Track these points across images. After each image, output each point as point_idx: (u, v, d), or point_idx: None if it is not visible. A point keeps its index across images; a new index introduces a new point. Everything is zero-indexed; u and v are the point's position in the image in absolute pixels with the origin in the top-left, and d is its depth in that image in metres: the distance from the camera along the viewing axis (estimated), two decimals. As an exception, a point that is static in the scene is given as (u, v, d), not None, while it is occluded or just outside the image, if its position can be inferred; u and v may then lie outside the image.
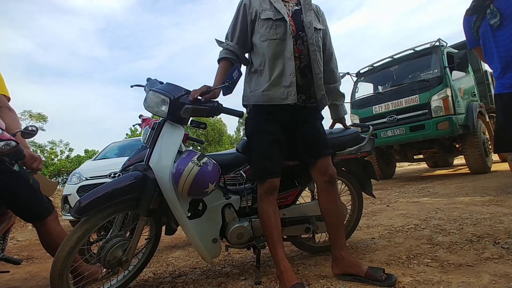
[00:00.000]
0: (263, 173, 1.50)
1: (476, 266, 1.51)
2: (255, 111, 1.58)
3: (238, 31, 1.59)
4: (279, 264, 1.44)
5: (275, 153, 1.50)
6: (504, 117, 1.61)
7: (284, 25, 1.50)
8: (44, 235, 1.67)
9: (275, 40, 1.50)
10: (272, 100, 1.50)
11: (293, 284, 1.36)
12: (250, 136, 1.59)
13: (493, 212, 2.53)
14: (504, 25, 1.51)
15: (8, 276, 2.24)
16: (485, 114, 5.79)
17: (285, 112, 1.52)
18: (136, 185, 1.47)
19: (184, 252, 2.50)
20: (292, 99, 1.49)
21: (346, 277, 1.50)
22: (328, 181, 1.55)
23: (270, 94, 1.50)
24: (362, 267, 1.48)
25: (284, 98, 1.49)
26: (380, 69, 6.35)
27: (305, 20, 1.54)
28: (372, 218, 2.89)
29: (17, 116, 1.77)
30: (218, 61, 1.61)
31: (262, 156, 1.50)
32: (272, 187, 1.49)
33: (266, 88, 1.50)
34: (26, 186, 1.57)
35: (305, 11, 1.57)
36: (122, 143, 5.83)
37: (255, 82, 1.57)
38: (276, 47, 1.50)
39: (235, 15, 1.61)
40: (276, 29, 1.50)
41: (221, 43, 1.63)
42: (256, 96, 1.53)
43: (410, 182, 5.74)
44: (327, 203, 1.57)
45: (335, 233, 1.56)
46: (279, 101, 1.50)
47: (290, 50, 1.49)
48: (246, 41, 1.61)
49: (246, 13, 1.57)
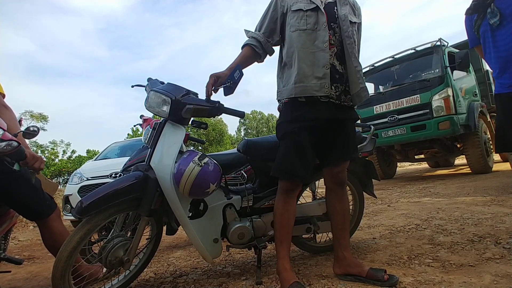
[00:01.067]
0: (284, 172, 1.47)
1: (477, 266, 1.51)
2: (288, 109, 1.50)
3: (267, 22, 1.57)
4: (279, 262, 1.46)
5: (303, 157, 1.44)
6: (504, 117, 1.61)
7: (316, 15, 1.45)
8: (46, 234, 1.68)
9: (306, 31, 1.45)
10: (304, 91, 1.42)
11: (291, 283, 1.37)
12: (282, 137, 1.51)
13: (495, 212, 2.52)
14: (503, 24, 1.50)
15: (9, 276, 2.25)
16: (487, 114, 5.77)
17: (319, 110, 1.45)
18: (137, 185, 1.47)
19: (185, 252, 2.50)
20: (326, 91, 1.41)
21: (347, 277, 1.50)
22: (338, 183, 1.55)
23: (302, 85, 1.43)
24: (363, 267, 1.48)
25: (317, 90, 1.41)
26: (381, 69, 6.34)
27: (340, 13, 1.48)
28: (373, 218, 2.89)
29: (14, 114, 1.75)
30: (242, 48, 1.59)
31: (289, 156, 1.45)
32: (291, 187, 1.48)
33: (297, 80, 1.43)
34: (27, 185, 1.57)
35: (340, 4, 1.51)
36: (123, 143, 5.84)
37: (286, 75, 1.52)
38: (306, 37, 1.45)
39: (266, 9, 1.59)
40: (306, 19, 1.45)
41: (248, 32, 1.61)
42: (289, 90, 1.46)
43: (411, 182, 5.73)
44: (335, 202, 1.56)
45: (340, 233, 1.56)
46: (312, 92, 1.42)
47: (323, 40, 1.43)
48: (274, 32, 1.57)
49: (277, 7, 1.55)
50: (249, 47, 1.57)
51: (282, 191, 1.49)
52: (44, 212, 1.64)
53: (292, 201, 1.50)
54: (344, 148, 1.53)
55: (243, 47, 1.59)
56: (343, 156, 1.53)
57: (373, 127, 2.06)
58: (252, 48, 1.57)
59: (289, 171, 1.45)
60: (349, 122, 1.56)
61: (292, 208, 1.50)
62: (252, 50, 1.57)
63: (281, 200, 1.50)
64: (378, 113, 5.87)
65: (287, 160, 1.45)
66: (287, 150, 1.46)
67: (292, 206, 1.50)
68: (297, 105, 1.47)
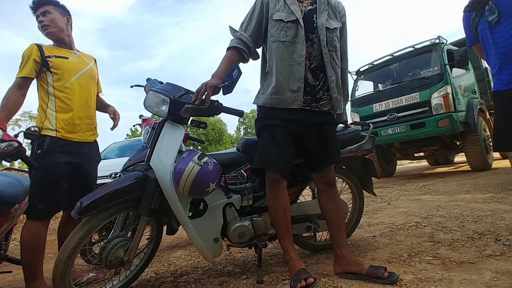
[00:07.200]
0: (260, 162, 1.51)
1: (477, 263, 1.51)
2: (264, 111, 1.58)
3: (254, 23, 1.56)
4: (285, 254, 1.51)
5: (278, 148, 1.48)
6: (504, 114, 1.60)
7: (295, 27, 1.48)
8: (67, 222, 1.86)
9: (285, 43, 1.49)
10: (279, 103, 1.50)
11: (297, 270, 1.42)
12: (258, 132, 1.58)
13: (494, 209, 2.53)
14: (502, 21, 1.50)
15: (10, 276, 2.24)
16: (486, 111, 5.78)
17: (294, 115, 1.51)
18: (137, 185, 1.47)
19: (186, 251, 2.50)
20: (298, 104, 1.49)
21: (348, 276, 1.50)
22: (327, 183, 1.57)
23: (277, 97, 1.50)
24: (363, 265, 1.48)
25: (291, 102, 1.49)
26: (380, 67, 6.34)
27: (318, 21, 1.51)
28: (373, 216, 2.89)
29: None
30: (228, 49, 1.58)
31: (265, 148, 1.51)
32: (273, 178, 1.49)
33: (273, 91, 1.50)
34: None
35: (319, 11, 1.53)
36: (123, 144, 5.84)
37: (267, 84, 1.57)
38: (285, 49, 1.49)
39: (252, 7, 1.59)
40: (286, 31, 1.48)
41: (234, 31, 1.60)
42: (265, 99, 1.54)
43: (411, 179, 5.74)
44: (326, 203, 1.59)
45: (336, 232, 1.57)
46: (286, 105, 1.50)
47: (301, 55, 1.47)
48: (259, 36, 1.59)
49: (263, 8, 1.55)
50: (236, 50, 1.56)
51: (269, 185, 1.52)
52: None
53: (281, 194, 1.51)
54: (327, 152, 1.56)
55: (229, 49, 1.57)
56: (326, 159, 1.56)
57: (372, 125, 2.07)
58: (238, 51, 1.56)
59: (264, 161, 1.50)
60: (327, 126, 1.58)
61: (284, 201, 1.52)
62: (238, 53, 1.57)
63: (270, 196, 1.52)
64: (377, 111, 5.87)
65: (264, 150, 1.51)
66: (264, 142, 1.53)
67: (284, 200, 1.52)
68: (271, 110, 1.54)
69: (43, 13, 1.79)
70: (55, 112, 1.75)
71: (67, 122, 1.76)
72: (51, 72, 1.76)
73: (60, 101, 1.76)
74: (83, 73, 1.88)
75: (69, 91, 1.79)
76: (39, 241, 1.64)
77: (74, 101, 1.80)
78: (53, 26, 1.80)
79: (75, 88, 1.82)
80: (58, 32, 1.83)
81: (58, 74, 1.77)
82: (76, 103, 1.81)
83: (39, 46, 1.76)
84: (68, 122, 1.76)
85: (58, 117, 1.74)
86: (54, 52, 1.80)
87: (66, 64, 1.81)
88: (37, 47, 1.74)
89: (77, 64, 1.87)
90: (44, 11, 1.79)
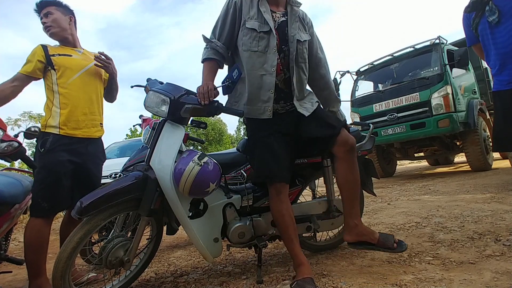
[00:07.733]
0: (263, 176, 1.53)
1: (477, 263, 1.51)
2: (252, 124, 1.60)
3: (228, 29, 1.56)
4: (295, 258, 1.49)
5: (276, 157, 1.49)
6: (504, 115, 1.60)
7: (268, 38, 1.49)
8: (69, 221, 1.86)
9: (256, 52, 1.49)
10: (250, 113, 1.54)
11: (304, 277, 1.40)
12: (249, 139, 1.62)
13: (495, 209, 2.53)
14: (502, 22, 1.50)
15: (10, 276, 2.25)
16: (486, 111, 5.78)
17: (275, 120, 1.53)
18: (137, 185, 1.47)
19: (186, 251, 2.50)
20: (268, 115, 1.51)
21: (358, 246, 1.55)
22: (349, 150, 1.52)
23: (249, 107, 1.53)
24: (374, 234, 1.53)
25: (261, 113, 1.52)
26: (380, 67, 6.34)
27: (289, 34, 1.53)
28: (373, 216, 2.89)
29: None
30: (204, 60, 1.58)
31: (263, 160, 1.52)
32: (278, 189, 1.50)
33: (246, 102, 1.53)
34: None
35: (290, 23, 1.54)
36: (123, 144, 5.84)
37: (240, 91, 1.58)
38: (256, 59, 1.49)
39: (224, 12, 1.56)
40: (258, 41, 1.49)
41: (208, 41, 1.59)
42: (243, 109, 1.55)
43: (411, 180, 5.74)
44: (347, 172, 1.54)
45: (351, 202, 1.56)
46: (257, 115, 1.53)
47: (272, 65, 1.48)
48: (232, 42, 1.59)
49: (236, 12, 1.54)
50: (213, 61, 1.58)
51: (273, 194, 1.52)
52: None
53: (286, 200, 1.53)
54: (330, 121, 1.57)
55: (206, 60, 1.57)
56: (335, 125, 1.55)
57: (372, 126, 2.07)
58: (216, 62, 1.59)
59: (267, 175, 1.51)
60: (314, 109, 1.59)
61: (289, 206, 1.54)
62: (216, 63, 1.59)
63: (276, 201, 1.52)
64: (377, 111, 5.87)
65: (263, 164, 1.52)
66: (260, 155, 1.53)
67: (288, 205, 1.54)
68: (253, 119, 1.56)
69: (45, 14, 1.82)
70: (59, 108, 1.76)
71: (71, 118, 1.77)
72: (55, 70, 1.78)
73: (63, 98, 1.77)
74: (87, 69, 1.89)
75: (72, 88, 1.80)
76: (42, 239, 1.65)
77: (78, 98, 1.81)
78: (55, 26, 1.82)
79: (79, 85, 1.83)
80: (61, 32, 1.85)
81: (61, 71, 1.78)
82: (80, 99, 1.82)
83: (44, 46, 1.79)
84: (72, 118, 1.77)
85: (62, 113, 1.75)
86: (58, 50, 1.83)
87: (69, 61, 1.82)
88: (42, 47, 1.77)
89: (80, 61, 1.88)
90: (46, 13, 1.82)
